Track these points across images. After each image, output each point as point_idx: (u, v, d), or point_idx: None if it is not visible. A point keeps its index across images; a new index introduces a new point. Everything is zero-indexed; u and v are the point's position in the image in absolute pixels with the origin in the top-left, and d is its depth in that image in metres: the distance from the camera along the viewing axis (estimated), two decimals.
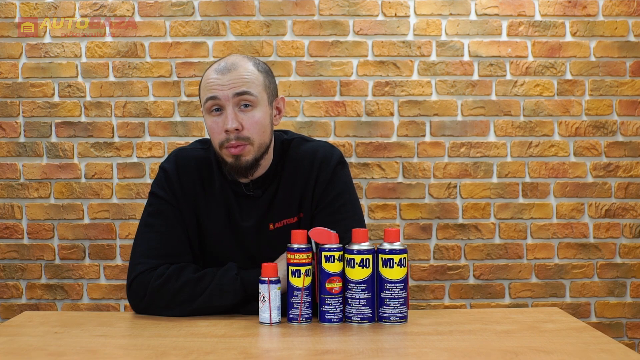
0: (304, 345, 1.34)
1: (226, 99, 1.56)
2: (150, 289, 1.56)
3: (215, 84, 1.57)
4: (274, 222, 1.65)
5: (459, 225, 2.82)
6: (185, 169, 1.66)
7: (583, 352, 1.28)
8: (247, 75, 1.58)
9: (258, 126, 1.58)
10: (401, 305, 1.47)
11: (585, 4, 2.81)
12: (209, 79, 1.59)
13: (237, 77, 1.57)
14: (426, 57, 2.81)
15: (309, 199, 1.65)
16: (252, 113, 1.58)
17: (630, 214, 2.83)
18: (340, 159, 1.69)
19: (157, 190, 1.66)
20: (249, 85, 1.57)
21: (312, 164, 1.65)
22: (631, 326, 2.83)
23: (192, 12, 2.79)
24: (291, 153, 1.68)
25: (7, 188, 2.80)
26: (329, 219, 1.61)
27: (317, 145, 1.70)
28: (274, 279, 1.46)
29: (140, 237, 1.64)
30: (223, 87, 1.56)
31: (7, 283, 2.81)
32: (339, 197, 1.65)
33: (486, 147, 2.82)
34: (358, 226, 1.59)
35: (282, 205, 1.65)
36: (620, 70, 2.82)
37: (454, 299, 2.82)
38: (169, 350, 1.30)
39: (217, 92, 1.56)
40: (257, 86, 1.59)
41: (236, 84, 1.56)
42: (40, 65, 2.79)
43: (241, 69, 1.58)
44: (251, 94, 1.57)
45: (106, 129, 2.80)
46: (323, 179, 1.65)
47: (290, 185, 1.66)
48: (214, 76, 1.57)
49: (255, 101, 1.58)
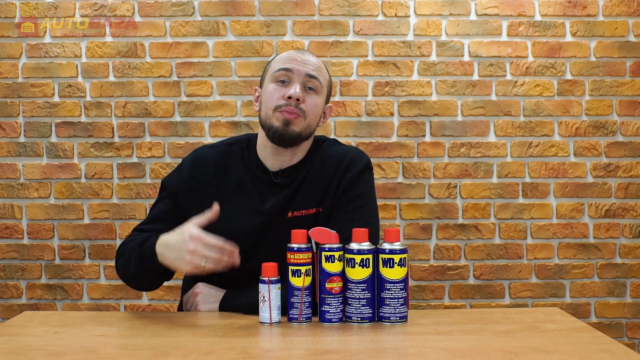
0: (304, 345, 1.34)
1: (298, 74, 1.67)
2: (117, 255, 1.71)
3: (292, 59, 1.69)
4: (293, 210, 1.69)
5: (459, 225, 2.82)
6: (201, 168, 1.74)
7: (583, 352, 1.28)
8: (320, 66, 1.72)
9: (315, 108, 1.69)
10: (401, 305, 1.47)
11: (585, 4, 2.81)
12: (286, 55, 1.72)
13: (312, 61, 1.71)
14: (426, 57, 2.81)
15: (330, 195, 1.69)
16: (314, 96, 1.70)
17: (630, 214, 2.83)
18: (368, 164, 1.76)
19: (165, 181, 1.78)
20: (320, 73, 1.71)
21: (340, 163, 1.72)
22: (631, 326, 2.84)
23: (192, 12, 2.79)
24: (322, 151, 1.75)
25: (7, 188, 2.80)
26: (345, 216, 1.65)
27: (349, 148, 1.78)
28: (274, 279, 1.46)
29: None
30: (298, 64, 1.68)
31: (7, 283, 2.81)
32: (359, 198, 1.70)
33: (486, 147, 2.82)
34: (370, 229, 1.58)
35: (304, 196, 1.69)
36: (620, 70, 2.82)
37: (454, 299, 2.82)
38: (169, 350, 1.30)
39: (293, 65, 1.68)
40: (324, 79, 1.73)
41: (311, 67, 1.69)
42: (40, 65, 2.79)
43: (316, 59, 1.73)
44: (319, 81, 1.70)
45: (106, 129, 2.80)
46: (348, 178, 1.70)
47: (315, 179, 1.70)
48: (292, 54, 1.71)
49: (320, 89, 1.70)
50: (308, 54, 1.73)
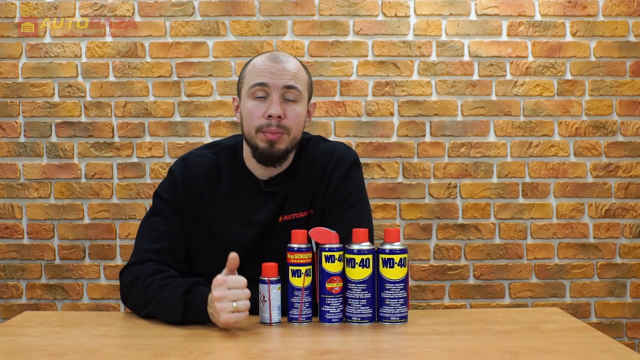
0: (304, 345, 1.34)
1: (275, 87, 1.60)
2: (125, 284, 1.61)
3: (266, 71, 1.61)
4: (284, 215, 1.67)
5: (459, 225, 2.82)
6: (192, 173, 1.69)
7: (583, 352, 1.28)
8: (296, 71, 1.63)
9: (298, 119, 1.63)
10: (401, 305, 1.47)
11: (585, 4, 2.81)
12: (259, 65, 1.62)
13: (289, 70, 1.62)
14: (426, 57, 2.81)
15: (321, 196, 1.67)
16: (295, 106, 1.63)
17: (630, 214, 2.83)
18: (356, 160, 1.72)
19: (160, 191, 1.71)
20: (297, 80, 1.63)
21: (328, 162, 1.68)
22: (631, 326, 2.84)
23: (192, 12, 2.79)
24: (308, 151, 1.71)
25: (7, 188, 2.80)
26: (338, 216, 1.63)
27: (335, 145, 1.73)
28: (274, 279, 1.46)
29: (140, 232, 1.69)
30: (274, 76, 1.60)
31: (7, 283, 2.81)
32: (350, 196, 1.67)
33: (486, 147, 2.82)
34: (365, 227, 1.58)
35: (295, 199, 1.67)
36: (620, 70, 2.82)
37: (454, 299, 2.82)
38: (169, 350, 1.30)
39: (268, 79, 1.60)
40: (303, 84, 1.65)
41: (287, 76, 1.61)
42: (40, 65, 2.79)
43: (292, 63, 1.64)
44: (298, 89, 1.63)
45: (106, 129, 2.80)
46: (337, 177, 1.67)
47: (304, 181, 1.67)
48: (267, 64, 1.62)
49: (299, 97, 1.63)
50: (283, 58, 1.64)
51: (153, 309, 1.52)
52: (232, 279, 1.41)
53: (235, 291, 1.40)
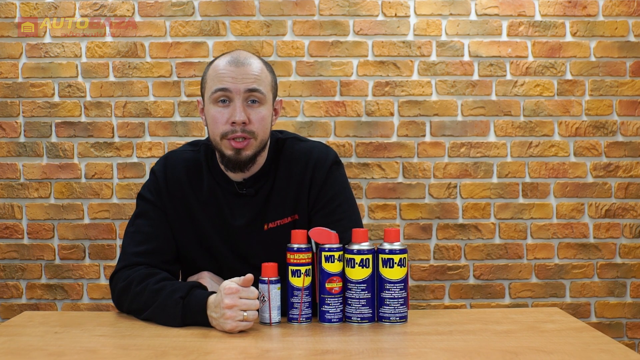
0: (304, 345, 1.34)
1: (237, 92, 1.57)
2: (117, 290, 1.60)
3: (227, 75, 1.57)
4: (268, 222, 1.64)
5: (459, 225, 2.82)
6: (174, 171, 1.67)
7: (583, 352, 1.28)
8: (258, 73, 1.59)
9: (263, 122, 1.60)
10: (401, 305, 1.47)
11: (585, 4, 2.81)
12: (220, 69, 1.59)
13: (250, 72, 1.58)
14: (426, 57, 2.81)
15: (304, 200, 1.65)
16: (259, 109, 1.59)
17: (630, 214, 2.83)
18: (335, 159, 1.69)
19: (144, 192, 1.69)
20: (260, 82, 1.59)
21: (307, 165, 1.65)
22: (631, 326, 2.83)
23: (192, 12, 2.79)
24: (285, 152, 1.68)
25: (7, 188, 2.80)
26: (326, 220, 1.61)
27: (312, 145, 1.70)
28: (274, 279, 1.46)
29: (126, 236, 1.67)
30: (235, 80, 1.57)
31: (7, 283, 2.81)
32: (335, 198, 1.65)
33: (486, 147, 2.82)
34: (355, 226, 1.58)
35: (277, 205, 1.64)
36: (620, 70, 2.82)
37: (454, 299, 2.82)
38: (169, 350, 1.30)
39: (229, 84, 1.57)
40: (266, 85, 1.61)
41: (249, 80, 1.57)
42: (40, 65, 2.79)
43: (253, 65, 1.60)
44: (261, 92, 1.59)
45: (106, 129, 2.80)
46: (318, 180, 1.64)
47: (284, 185, 1.65)
48: (228, 68, 1.58)
49: (263, 99, 1.60)
50: (244, 61, 1.59)
51: (150, 314, 1.51)
52: (245, 289, 1.42)
53: (247, 301, 1.41)
